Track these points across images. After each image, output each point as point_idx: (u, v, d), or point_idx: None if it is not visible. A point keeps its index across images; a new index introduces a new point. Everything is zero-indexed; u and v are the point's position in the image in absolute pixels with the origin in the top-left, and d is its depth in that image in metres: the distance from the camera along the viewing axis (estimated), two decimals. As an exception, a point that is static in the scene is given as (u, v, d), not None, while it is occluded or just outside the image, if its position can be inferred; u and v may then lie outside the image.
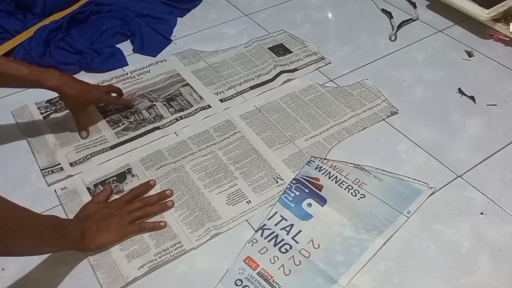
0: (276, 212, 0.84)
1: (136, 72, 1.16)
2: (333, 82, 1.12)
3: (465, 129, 1.01)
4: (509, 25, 1.21)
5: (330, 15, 1.38)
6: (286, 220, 0.82)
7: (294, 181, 0.88)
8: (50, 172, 0.91)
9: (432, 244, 0.80)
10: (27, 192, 0.88)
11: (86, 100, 0.98)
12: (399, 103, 1.06)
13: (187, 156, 0.95)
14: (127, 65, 1.18)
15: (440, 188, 0.89)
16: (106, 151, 0.96)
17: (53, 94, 1.08)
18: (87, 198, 0.87)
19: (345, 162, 0.92)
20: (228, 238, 0.81)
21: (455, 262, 0.78)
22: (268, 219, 0.83)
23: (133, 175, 0.91)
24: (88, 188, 0.88)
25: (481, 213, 0.85)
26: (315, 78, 1.13)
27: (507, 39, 1.23)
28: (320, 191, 0.87)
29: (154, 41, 1.25)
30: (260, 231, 0.81)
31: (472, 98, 1.08)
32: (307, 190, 0.87)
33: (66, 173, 0.91)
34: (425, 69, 1.17)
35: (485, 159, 0.94)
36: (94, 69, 1.16)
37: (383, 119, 1.03)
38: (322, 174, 0.90)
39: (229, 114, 1.04)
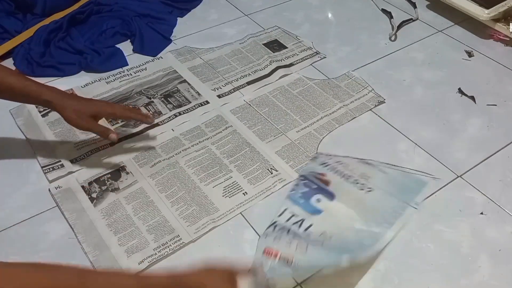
0: (286, 209, 0.83)
1: (133, 69, 1.16)
2: (335, 78, 1.12)
3: (465, 129, 1.01)
4: (509, 25, 1.22)
5: (330, 15, 1.38)
6: (297, 216, 0.82)
7: (302, 177, 0.88)
8: (51, 169, 0.91)
9: (432, 244, 0.80)
10: (27, 192, 0.88)
11: (87, 113, 0.86)
12: (399, 103, 1.07)
13: (180, 152, 0.95)
14: (127, 65, 1.18)
15: (440, 188, 0.89)
16: (106, 147, 0.96)
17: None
18: (82, 196, 0.87)
19: (350, 156, 0.92)
20: (229, 238, 0.81)
21: (455, 262, 0.78)
22: (278, 216, 0.82)
23: (127, 173, 0.91)
24: (82, 187, 0.89)
25: (481, 213, 0.85)
26: (315, 78, 1.13)
27: (507, 39, 1.23)
28: (328, 186, 0.86)
29: (154, 41, 1.25)
30: (272, 227, 0.80)
31: (472, 98, 1.08)
32: (315, 186, 0.86)
33: (67, 170, 0.91)
34: (425, 69, 1.17)
35: (485, 159, 0.94)
36: (94, 69, 1.16)
37: (371, 109, 1.04)
38: (328, 169, 0.89)
39: (220, 109, 1.05)
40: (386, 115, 1.04)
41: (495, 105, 1.06)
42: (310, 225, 0.80)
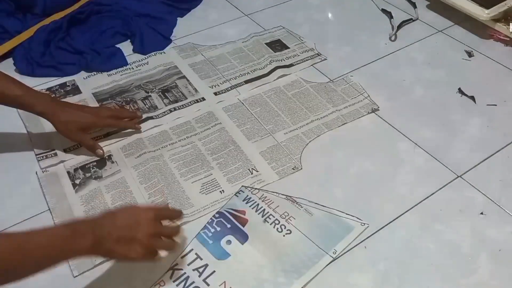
0: (192, 250, 0.78)
1: (135, 63, 1.18)
2: (333, 82, 1.12)
3: (465, 129, 1.01)
4: (509, 25, 1.22)
5: (330, 15, 1.38)
6: (201, 259, 0.77)
7: (217, 215, 0.83)
8: (44, 157, 0.93)
9: (432, 244, 0.80)
10: (26, 192, 0.88)
11: (76, 127, 0.90)
12: (399, 103, 1.06)
13: (167, 145, 0.97)
14: (127, 64, 1.18)
15: (440, 188, 0.89)
16: (100, 138, 0.98)
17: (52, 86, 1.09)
18: (66, 181, 0.89)
19: (277, 193, 0.87)
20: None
21: (455, 262, 0.78)
22: (181, 257, 0.77)
23: (112, 162, 0.93)
24: (68, 172, 0.91)
25: (481, 213, 0.85)
26: (315, 78, 1.13)
27: (507, 39, 1.23)
28: (244, 226, 0.81)
29: (154, 41, 1.25)
30: (170, 271, 0.75)
31: (472, 98, 1.08)
32: (229, 225, 0.81)
33: (59, 158, 0.93)
34: (425, 69, 1.17)
35: (485, 159, 0.94)
36: (94, 69, 1.16)
37: (364, 116, 1.04)
38: (250, 206, 0.84)
39: (214, 106, 1.06)
40: (386, 115, 1.03)
41: (495, 105, 1.06)
42: (212, 272, 0.75)
